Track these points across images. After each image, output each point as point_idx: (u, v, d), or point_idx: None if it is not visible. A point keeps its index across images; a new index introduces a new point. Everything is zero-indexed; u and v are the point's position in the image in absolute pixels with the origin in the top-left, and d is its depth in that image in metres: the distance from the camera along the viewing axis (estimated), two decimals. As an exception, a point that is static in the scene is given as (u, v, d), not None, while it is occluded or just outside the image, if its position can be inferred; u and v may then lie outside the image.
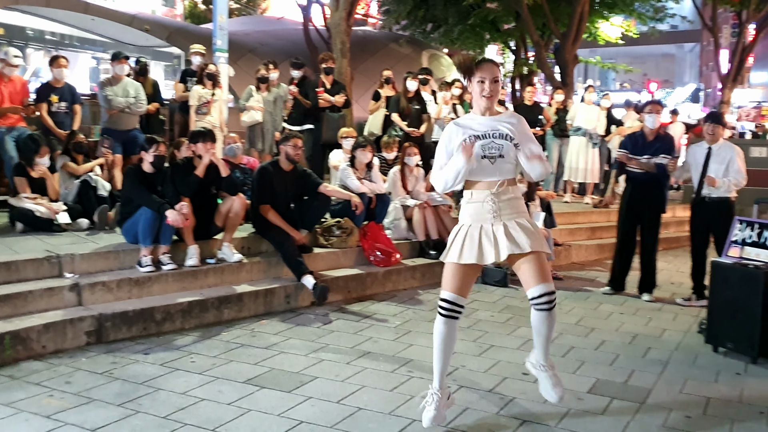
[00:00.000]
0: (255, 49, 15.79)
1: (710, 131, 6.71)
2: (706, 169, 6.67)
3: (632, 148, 6.97)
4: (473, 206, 3.84)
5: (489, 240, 3.78)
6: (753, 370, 5.03)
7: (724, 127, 6.83)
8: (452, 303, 3.82)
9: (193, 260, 6.04)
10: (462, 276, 3.83)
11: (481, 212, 3.82)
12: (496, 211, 3.79)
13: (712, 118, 6.90)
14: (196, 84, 9.49)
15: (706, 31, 26.27)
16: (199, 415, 3.97)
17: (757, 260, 5.34)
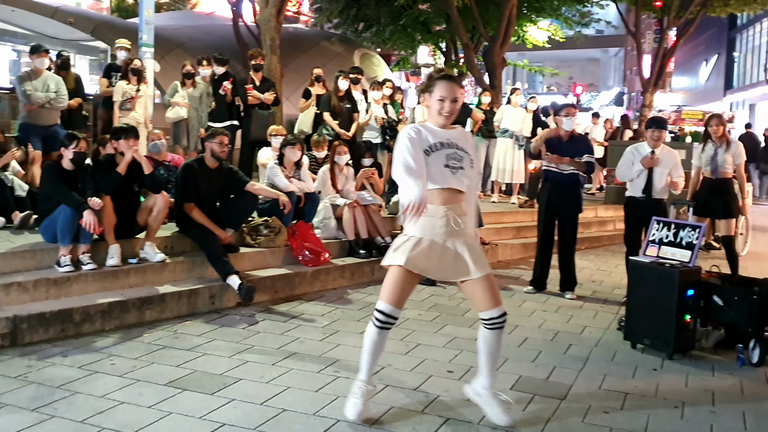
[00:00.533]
0: (184, 44, 15.46)
1: (655, 136, 6.90)
2: (652, 172, 6.85)
3: (550, 150, 7.14)
4: (426, 219, 3.75)
5: (439, 258, 3.76)
6: (669, 366, 5.20)
7: (666, 132, 7.05)
8: (389, 315, 3.82)
9: (114, 260, 5.88)
10: (403, 285, 3.81)
11: (434, 227, 3.77)
12: (449, 229, 3.76)
13: (656, 124, 7.05)
14: (120, 79, 9.26)
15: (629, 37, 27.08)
16: (118, 418, 3.87)
17: (673, 259, 5.53)
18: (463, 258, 3.79)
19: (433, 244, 3.77)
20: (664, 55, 22.56)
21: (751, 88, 38.17)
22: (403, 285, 3.81)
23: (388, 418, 4.01)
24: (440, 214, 3.76)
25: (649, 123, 7.30)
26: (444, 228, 3.76)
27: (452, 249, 3.79)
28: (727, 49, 42.90)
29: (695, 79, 50.47)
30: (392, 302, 3.81)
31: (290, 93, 14.47)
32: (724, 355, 5.46)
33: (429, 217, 3.75)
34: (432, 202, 3.72)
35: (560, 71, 27.75)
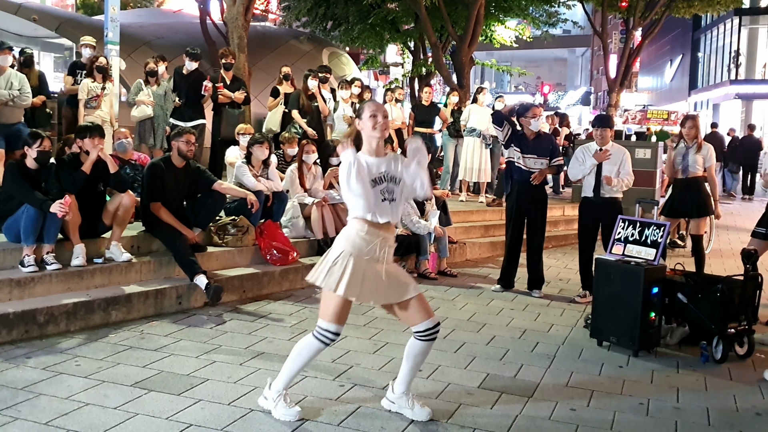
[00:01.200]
0: (150, 42, 15.28)
1: (599, 135, 7.02)
2: (600, 170, 6.95)
3: (519, 148, 7.20)
4: (362, 241, 3.83)
5: (371, 281, 3.83)
6: (634, 363, 5.27)
7: (612, 130, 7.13)
8: (336, 334, 3.89)
9: (79, 260, 5.80)
10: (345, 308, 3.89)
11: (367, 250, 3.84)
12: (381, 255, 3.86)
13: (600, 123, 7.20)
14: (85, 77, 9.13)
15: (596, 37, 27.39)
16: (82, 420, 3.82)
17: (638, 257, 5.60)
18: (397, 279, 3.93)
19: (366, 265, 3.83)
20: (630, 55, 22.87)
21: (715, 88, 38.87)
22: (345, 308, 3.90)
23: (356, 418, 4.01)
24: (376, 240, 3.85)
25: (594, 122, 7.41)
26: (376, 254, 3.85)
27: (383, 273, 3.88)
28: (691, 49, 43.62)
29: (660, 79, 51.25)
30: (339, 322, 3.89)
31: (258, 92, 14.37)
32: (688, 351, 5.55)
33: (365, 239, 3.84)
34: (367, 231, 3.83)
35: (528, 71, 27.96)
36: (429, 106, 12.03)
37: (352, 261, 3.82)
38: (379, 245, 3.86)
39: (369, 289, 3.84)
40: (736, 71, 35.95)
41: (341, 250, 3.86)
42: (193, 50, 9.46)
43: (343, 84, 10.62)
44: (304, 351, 3.94)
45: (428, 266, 7.99)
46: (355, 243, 3.85)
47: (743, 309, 5.45)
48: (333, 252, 3.90)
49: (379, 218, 3.83)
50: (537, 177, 7.11)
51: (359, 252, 3.83)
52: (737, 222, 13.86)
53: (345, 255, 3.84)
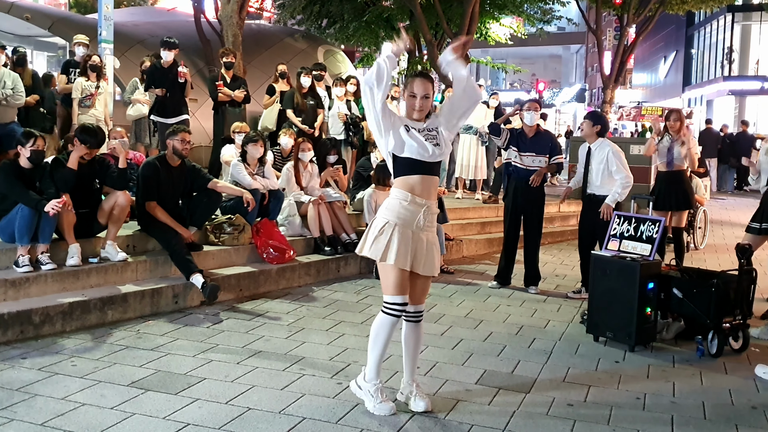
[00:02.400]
0: (144, 40, 15.22)
1: (582, 128, 7.11)
2: (588, 167, 6.98)
3: (516, 147, 7.21)
4: (405, 211, 3.89)
5: (414, 249, 3.90)
6: (631, 358, 5.28)
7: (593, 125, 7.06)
8: (402, 305, 3.94)
9: (75, 259, 5.78)
10: (403, 277, 3.91)
11: (412, 220, 3.90)
12: (425, 225, 3.93)
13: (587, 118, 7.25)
14: (79, 76, 9.10)
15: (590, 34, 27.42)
16: (79, 421, 3.81)
17: (634, 253, 5.61)
18: (432, 254, 3.99)
19: (412, 235, 3.91)
20: (624, 52, 22.91)
21: (709, 85, 38.94)
22: (403, 276, 3.92)
23: (354, 415, 4.01)
24: (420, 210, 3.91)
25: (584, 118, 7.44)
26: (420, 225, 3.92)
27: (425, 243, 3.95)
28: (685, 46, 43.69)
29: (654, 76, 51.31)
30: (402, 293, 3.93)
31: (253, 90, 14.28)
32: (684, 346, 5.57)
33: (410, 210, 3.90)
34: (410, 200, 3.89)
35: (523, 68, 28.06)
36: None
37: (398, 231, 3.88)
38: (423, 215, 3.91)
39: (417, 259, 3.91)
40: (730, 67, 36.03)
41: (386, 221, 3.92)
42: (170, 39, 9.03)
43: (338, 82, 10.62)
44: (380, 331, 3.98)
45: (425, 263, 7.98)
46: (399, 213, 3.90)
47: (738, 303, 5.47)
48: (378, 222, 3.96)
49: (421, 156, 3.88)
50: (535, 179, 7.11)
51: (404, 222, 3.89)
52: (731, 217, 13.90)
53: (390, 225, 3.90)
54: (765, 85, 34.70)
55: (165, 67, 8.88)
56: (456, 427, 3.92)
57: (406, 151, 3.92)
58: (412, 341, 4.11)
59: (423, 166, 3.93)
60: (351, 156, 10.29)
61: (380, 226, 3.93)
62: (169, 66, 8.87)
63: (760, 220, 6.56)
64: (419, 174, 3.92)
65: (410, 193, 3.91)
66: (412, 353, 4.14)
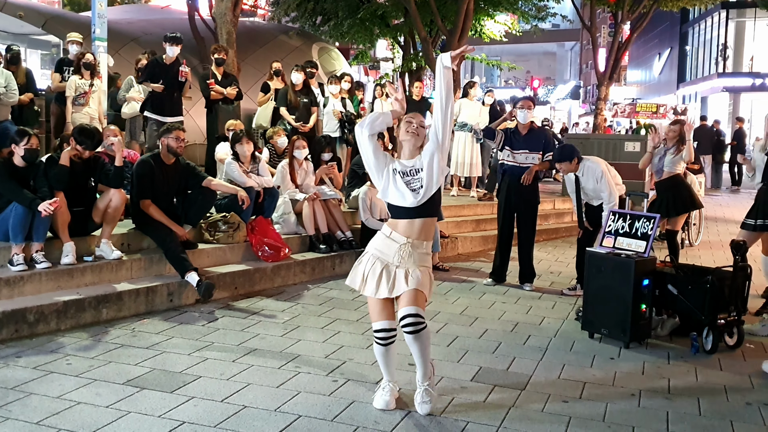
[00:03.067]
0: (138, 38, 15.19)
1: (562, 168, 6.96)
2: (580, 196, 6.92)
3: (510, 145, 7.22)
4: (384, 245, 4.01)
5: (391, 278, 3.96)
6: (625, 355, 5.29)
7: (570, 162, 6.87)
8: (387, 330, 4.00)
9: (69, 258, 5.76)
10: (380, 304, 3.99)
11: (389, 254, 3.98)
12: (402, 262, 3.97)
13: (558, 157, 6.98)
14: (73, 74, 9.07)
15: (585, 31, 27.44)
16: (74, 419, 3.80)
17: (629, 249, 5.62)
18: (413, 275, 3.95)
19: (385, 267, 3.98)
20: (619, 49, 22.90)
21: (703, 81, 39.03)
22: (383, 304, 4.00)
23: (350, 412, 4.01)
24: (398, 244, 3.99)
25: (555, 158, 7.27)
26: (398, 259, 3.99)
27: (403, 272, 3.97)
28: (679, 43, 43.76)
29: (649, 73, 51.39)
30: (383, 318, 3.99)
31: (248, 87, 14.31)
32: (679, 342, 5.58)
33: (384, 242, 4.02)
34: (391, 233, 4.01)
35: (517, 65, 27.92)
36: (419, 101, 12.01)
37: (371, 262, 4.02)
38: (400, 252, 3.96)
39: (396, 285, 3.95)
40: (724, 64, 36.11)
41: (367, 251, 4.09)
42: (174, 34, 8.82)
43: (332, 79, 10.61)
44: (377, 358, 4.13)
45: (420, 261, 7.99)
46: (378, 245, 4.04)
47: (733, 300, 5.48)
48: (364, 252, 4.13)
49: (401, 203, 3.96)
50: (527, 177, 7.11)
51: (381, 254, 4.01)
52: (726, 214, 13.93)
53: (367, 255, 4.06)
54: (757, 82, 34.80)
55: (167, 63, 8.67)
56: (451, 424, 3.92)
57: (389, 197, 4.01)
58: (415, 350, 4.01)
59: (406, 210, 3.97)
60: (346, 153, 10.28)
61: (362, 255, 4.08)
62: (171, 63, 8.70)
63: (755, 216, 6.57)
64: (402, 218, 3.99)
65: (392, 229, 4.02)
66: (419, 359, 4.05)
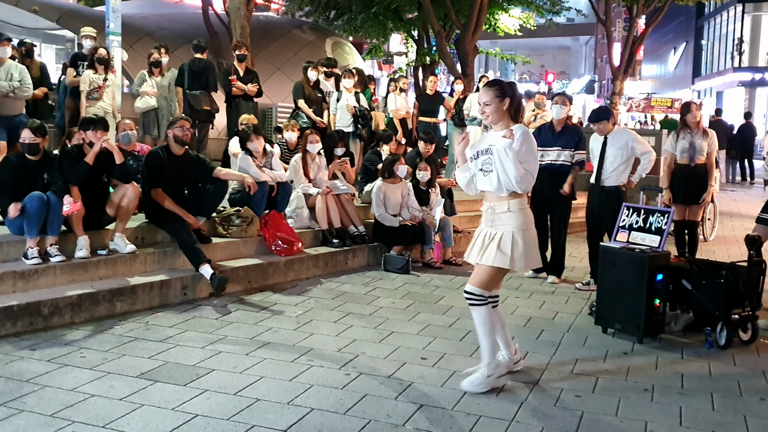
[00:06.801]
0: (152, 32, 15.27)
1: (597, 129, 7.00)
2: (604, 156, 6.93)
3: (540, 141, 7.18)
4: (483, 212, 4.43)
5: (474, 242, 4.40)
6: (639, 350, 5.27)
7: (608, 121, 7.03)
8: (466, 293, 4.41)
9: (83, 251, 5.80)
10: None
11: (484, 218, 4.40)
12: (487, 222, 4.34)
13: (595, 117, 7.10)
14: (87, 68, 9.12)
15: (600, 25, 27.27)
16: (88, 411, 3.83)
17: (643, 244, 5.59)
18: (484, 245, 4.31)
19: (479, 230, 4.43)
20: (634, 43, 22.78)
21: (719, 76, 38.68)
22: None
23: (362, 406, 4.02)
24: (485, 209, 4.40)
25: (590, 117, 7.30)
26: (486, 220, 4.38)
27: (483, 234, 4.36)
28: (695, 37, 43.39)
29: (664, 67, 51.01)
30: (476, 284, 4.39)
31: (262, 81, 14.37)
32: (692, 338, 5.55)
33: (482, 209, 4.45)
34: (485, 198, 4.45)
35: (532, 59, 27.84)
36: (433, 95, 11.99)
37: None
38: (486, 213, 4.37)
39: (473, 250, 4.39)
40: (740, 58, 35.77)
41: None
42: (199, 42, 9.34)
43: (346, 73, 10.59)
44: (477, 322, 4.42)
45: (433, 255, 8.00)
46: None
47: (747, 295, 5.44)
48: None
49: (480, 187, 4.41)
50: (566, 189, 7.23)
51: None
52: (741, 209, 13.82)
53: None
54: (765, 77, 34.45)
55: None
56: (464, 418, 3.92)
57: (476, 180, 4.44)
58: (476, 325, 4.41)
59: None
60: (359, 148, 10.27)
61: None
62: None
63: (772, 211, 6.51)
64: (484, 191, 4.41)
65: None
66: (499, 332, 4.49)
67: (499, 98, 4.23)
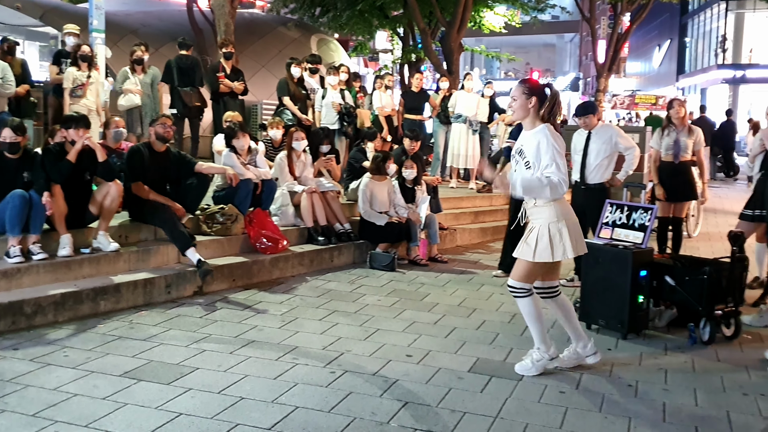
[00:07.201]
0: (137, 30, 15.17)
1: (583, 123, 7.00)
2: (587, 152, 6.95)
3: (515, 137, 7.20)
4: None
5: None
6: (623, 346, 5.29)
7: (594, 115, 7.06)
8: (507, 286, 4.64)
9: (66, 250, 5.76)
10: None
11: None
12: (526, 219, 4.55)
13: (582, 111, 7.10)
14: (70, 66, 9.05)
15: (584, 22, 27.35)
16: (71, 411, 3.80)
17: (626, 241, 5.61)
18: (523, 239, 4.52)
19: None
20: (618, 40, 22.85)
21: (702, 73, 38.96)
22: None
23: (347, 404, 4.01)
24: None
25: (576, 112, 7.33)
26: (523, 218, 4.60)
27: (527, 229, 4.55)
28: (679, 34, 43.67)
29: (648, 64, 51.30)
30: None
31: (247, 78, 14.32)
32: (676, 333, 5.58)
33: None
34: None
35: (517, 57, 27.97)
36: (419, 92, 12.00)
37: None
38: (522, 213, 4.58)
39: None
40: (723, 56, 36.03)
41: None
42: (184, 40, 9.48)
43: (331, 70, 10.56)
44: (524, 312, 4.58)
45: (419, 253, 8.00)
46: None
47: (730, 291, 5.49)
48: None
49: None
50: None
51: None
52: (725, 205, 13.93)
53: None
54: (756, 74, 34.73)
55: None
56: (449, 415, 3.93)
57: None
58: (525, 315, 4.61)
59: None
60: (344, 146, 10.26)
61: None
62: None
63: (753, 207, 6.57)
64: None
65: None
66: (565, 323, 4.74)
67: (525, 95, 4.38)
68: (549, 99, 4.40)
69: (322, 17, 20.16)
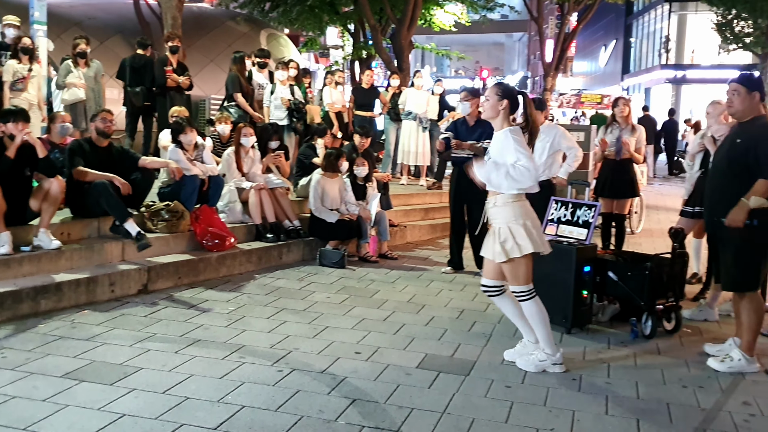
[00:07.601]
0: (81, 22, 14.81)
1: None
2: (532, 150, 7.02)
3: (456, 134, 7.25)
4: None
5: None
6: (567, 340, 5.38)
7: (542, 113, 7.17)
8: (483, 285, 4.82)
9: (5, 248, 5.58)
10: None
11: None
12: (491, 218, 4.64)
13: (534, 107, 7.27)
14: (10, 58, 8.79)
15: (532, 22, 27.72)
16: (9, 414, 3.70)
17: (570, 237, 5.71)
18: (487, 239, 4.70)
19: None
20: (565, 40, 23.25)
21: (647, 73, 39.86)
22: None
23: (294, 402, 3.99)
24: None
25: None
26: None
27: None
28: (624, 34, 44.56)
29: (595, 64, 52.24)
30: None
31: (194, 74, 14.07)
32: (619, 328, 5.70)
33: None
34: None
35: (467, 55, 28.13)
36: (369, 89, 11.99)
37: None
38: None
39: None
40: (667, 56, 36.91)
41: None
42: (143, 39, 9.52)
43: (280, 66, 10.48)
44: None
45: (369, 249, 8.00)
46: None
47: (671, 286, 5.63)
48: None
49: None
50: (455, 144, 7.18)
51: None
52: (667, 202, 14.28)
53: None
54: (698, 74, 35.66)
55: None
56: (396, 411, 3.94)
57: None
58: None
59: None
60: (294, 142, 10.20)
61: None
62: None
63: (693, 204, 6.74)
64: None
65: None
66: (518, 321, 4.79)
67: (498, 97, 4.58)
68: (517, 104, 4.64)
69: (271, 12, 20.00)
